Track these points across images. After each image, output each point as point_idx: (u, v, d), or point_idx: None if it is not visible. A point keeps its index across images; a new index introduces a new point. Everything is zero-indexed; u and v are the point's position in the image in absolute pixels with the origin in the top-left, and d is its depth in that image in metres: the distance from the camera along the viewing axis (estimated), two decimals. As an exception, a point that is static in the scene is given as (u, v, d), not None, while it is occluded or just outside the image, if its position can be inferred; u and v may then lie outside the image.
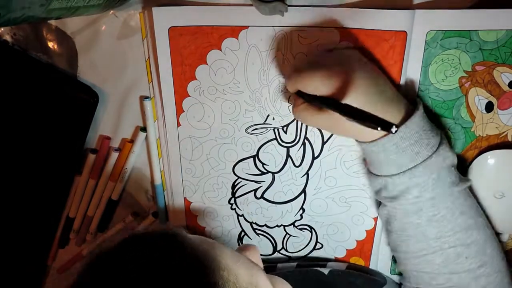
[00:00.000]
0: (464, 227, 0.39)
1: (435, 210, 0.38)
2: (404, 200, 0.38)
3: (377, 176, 0.40)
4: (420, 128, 0.36)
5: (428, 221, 0.38)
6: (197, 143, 0.47)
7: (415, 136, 0.36)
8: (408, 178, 0.37)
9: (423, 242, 0.39)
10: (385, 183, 0.39)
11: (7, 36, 0.45)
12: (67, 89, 0.46)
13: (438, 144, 0.37)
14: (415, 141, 0.36)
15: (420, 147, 0.36)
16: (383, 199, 0.41)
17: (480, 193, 0.43)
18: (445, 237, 0.39)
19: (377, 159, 0.38)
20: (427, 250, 0.39)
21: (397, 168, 0.37)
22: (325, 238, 0.49)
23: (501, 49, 0.40)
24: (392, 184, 0.38)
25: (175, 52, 0.42)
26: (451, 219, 0.38)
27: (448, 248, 0.39)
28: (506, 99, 0.42)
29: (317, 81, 0.36)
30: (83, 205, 0.51)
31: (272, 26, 0.41)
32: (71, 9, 0.35)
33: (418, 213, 0.38)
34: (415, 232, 0.39)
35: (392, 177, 0.38)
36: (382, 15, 0.39)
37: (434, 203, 0.38)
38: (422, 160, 0.36)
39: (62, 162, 0.49)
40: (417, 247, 0.40)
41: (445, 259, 0.39)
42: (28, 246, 0.53)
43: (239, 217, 0.50)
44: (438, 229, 0.39)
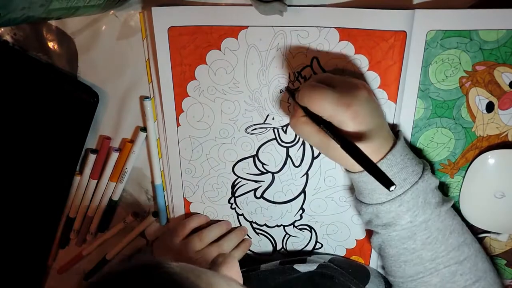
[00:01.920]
0: (456, 246, 0.40)
1: (427, 232, 0.39)
2: (398, 226, 0.39)
3: (367, 205, 0.40)
4: (404, 156, 0.38)
5: (422, 244, 0.39)
6: (197, 143, 0.47)
7: (401, 163, 0.38)
8: (398, 205, 0.38)
9: (419, 265, 0.40)
10: (376, 211, 0.40)
11: (7, 36, 0.45)
12: (67, 89, 0.46)
13: (422, 170, 0.39)
14: (401, 169, 0.38)
15: (406, 174, 0.38)
16: (376, 228, 0.41)
17: (480, 193, 0.43)
18: (439, 257, 0.39)
19: (367, 188, 0.39)
20: (423, 272, 0.40)
21: (386, 196, 0.38)
22: (325, 238, 0.49)
23: (502, 48, 0.39)
24: (383, 211, 0.39)
25: (175, 52, 0.42)
26: (443, 240, 0.39)
27: (443, 268, 0.39)
28: (506, 99, 0.41)
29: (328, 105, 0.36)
30: (83, 205, 0.51)
31: (272, 26, 0.41)
32: (71, 9, 0.35)
33: (413, 238, 0.39)
34: (411, 257, 0.40)
35: (383, 204, 0.39)
36: (382, 15, 0.39)
37: (426, 226, 0.39)
38: (410, 186, 0.38)
39: (62, 162, 0.49)
40: (413, 271, 0.40)
41: (441, 279, 0.40)
42: (28, 246, 0.53)
43: (239, 216, 0.50)
44: (433, 251, 0.39)
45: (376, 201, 0.39)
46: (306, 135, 0.39)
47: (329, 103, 0.36)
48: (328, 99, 0.36)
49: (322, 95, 0.36)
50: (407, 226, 0.39)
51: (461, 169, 0.44)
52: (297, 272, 0.44)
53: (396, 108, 0.42)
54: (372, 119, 0.37)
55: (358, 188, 0.41)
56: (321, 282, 0.43)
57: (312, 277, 0.43)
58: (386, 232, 0.40)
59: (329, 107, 0.36)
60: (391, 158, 0.37)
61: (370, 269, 0.47)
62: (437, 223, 0.39)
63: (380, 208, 0.39)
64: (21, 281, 0.54)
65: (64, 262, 0.55)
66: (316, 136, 0.38)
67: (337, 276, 0.43)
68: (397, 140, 0.39)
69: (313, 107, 0.37)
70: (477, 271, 0.40)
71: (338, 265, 0.45)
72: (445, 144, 0.43)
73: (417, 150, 0.43)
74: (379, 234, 0.41)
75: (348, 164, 0.39)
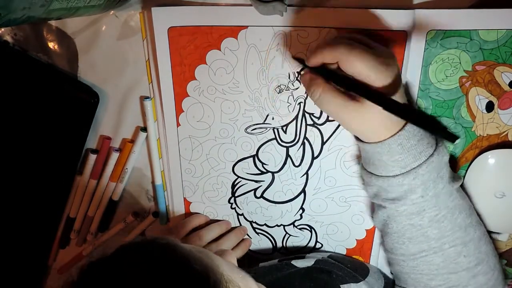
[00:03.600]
0: (463, 226, 0.39)
1: (437, 210, 0.38)
2: (408, 201, 0.38)
3: (378, 176, 0.39)
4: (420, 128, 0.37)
5: (430, 221, 0.38)
6: (197, 143, 0.47)
7: (418, 135, 0.36)
8: (413, 178, 0.37)
9: (424, 243, 0.39)
10: (387, 184, 0.38)
11: (8, 36, 0.45)
12: (68, 89, 0.46)
13: (436, 142, 0.38)
14: (418, 141, 0.36)
15: (422, 146, 0.37)
16: (383, 201, 0.40)
17: (480, 192, 0.43)
18: (445, 237, 0.39)
19: (381, 160, 0.38)
20: (427, 251, 0.39)
21: (401, 168, 0.37)
22: (325, 237, 0.49)
23: (502, 48, 0.39)
24: (396, 185, 0.38)
25: (175, 52, 0.43)
26: (452, 219, 0.38)
27: (449, 248, 0.39)
28: (506, 98, 0.42)
29: (369, 63, 0.34)
30: (83, 205, 0.51)
31: (271, 26, 0.41)
32: (72, 9, 0.35)
33: (421, 214, 0.38)
34: (416, 234, 0.39)
35: (396, 177, 0.37)
36: (382, 15, 0.39)
37: (436, 203, 0.38)
38: (426, 159, 0.37)
39: (63, 162, 0.49)
40: (417, 249, 0.40)
41: (444, 259, 0.39)
42: (28, 246, 0.53)
43: (239, 216, 0.50)
44: (439, 230, 0.38)
45: (389, 173, 0.37)
46: (332, 105, 0.36)
47: (371, 61, 0.34)
48: (369, 57, 0.34)
49: (362, 53, 0.34)
50: (417, 201, 0.37)
51: (461, 168, 0.44)
52: (295, 267, 0.44)
53: (396, 108, 0.42)
54: (401, 83, 0.37)
55: (370, 159, 0.39)
56: (319, 277, 0.42)
57: (309, 272, 0.43)
58: (394, 206, 0.39)
59: (371, 65, 0.34)
60: (409, 129, 0.36)
61: (370, 266, 0.47)
62: (447, 201, 0.38)
63: (393, 181, 0.37)
64: (21, 281, 0.54)
65: (65, 262, 0.55)
66: (347, 104, 0.35)
67: (334, 271, 0.43)
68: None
69: (353, 66, 0.34)
70: (480, 253, 0.40)
71: (336, 260, 0.45)
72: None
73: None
74: (385, 209, 0.40)
75: (366, 133, 0.37)
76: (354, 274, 0.43)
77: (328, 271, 0.43)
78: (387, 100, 0.33)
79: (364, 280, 0.43)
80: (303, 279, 0.42)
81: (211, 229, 0.48)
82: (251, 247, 0.51)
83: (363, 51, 0.34)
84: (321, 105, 0.37)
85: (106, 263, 0.26)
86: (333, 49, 0.35)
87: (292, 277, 0.43)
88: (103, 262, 0.27)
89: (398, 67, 0.36)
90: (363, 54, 0.34)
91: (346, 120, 0.37)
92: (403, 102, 0.36)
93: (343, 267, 0.44)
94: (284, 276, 0.43)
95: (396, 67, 0.36)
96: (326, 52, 0.36)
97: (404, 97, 0.37)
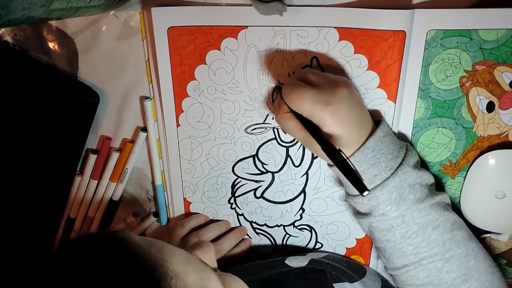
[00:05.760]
0: (440, 242, 0.39)
1: (406, 226, 0.39)
2: (372, 218, 0.39)
3: (347, 194, 0.42)
4: (377, 152, 0.38)
5: (402, 238, 0.39)
6: (197, 143, 0.47)
7: (372, 159, 0.38)
8: (368, 200, 0.39)
9: (404, 258, 0.40)
10: (352, 201, 0.41)
11: (8, 36, 0.45)
12: (68, 89, 0.46)
13: (398, 166, 0.38)
14: (372, 165, 0.38)
15: (378, 170, 0.38)
16: (356, 215, 0.42)
17: (481, 193, 0.43)
18: (422, 252, 0.39)
19: (343, 181, 0.41)
20: (408, 266, 0.40)
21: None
22: (325, 237, 0.49)
23: (502, 48, 0.39)
24: (358, 203, 0.40)
25: (174, 52, 0.43)
26: (424, 235, 0.39)
27: (428, 264, 0.39)
28: (507, 98, 0.41)
29: (306, 102, 0.36)
30: (84, 205, 0.52)
31: (271, 26, 0.41)
32: (72, 9, 0.35)
33: (391, 231, 0.39)
34: (394, 250, 0.40)
35: (356, 197, 0.40)
36: (382, 15, 0.39)
37: (403, 220, 0.39)
38: (380, 182, 0.38)
39: (63, 162, 0.49)
40: (399, 263, 0.40)
41: (427, 274, 0.39)
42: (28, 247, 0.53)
43: (239, 216, 0.50)
44: (413, 246, 0.39)
45: (351, 192, 0.41)
46: (290, 130, 0.39)
47: (308, 101, 0.36)
48: (307, 97, 0.36)
49: (301, 93, 0.36)
50: (381, 219, 0.39)
51: (462, 169, 0.44)
52: (288, 267, 0.44)
53: (396, 108, 0.42)
54: (352, 115, 0.37)
55: (341, 179, 0.42)
56: (313, 276, 0.43)
57: (303, 271, 0.43)
58: (366, 220, 0.40)
59: (308, 105, 0.36)
60: (359, 155, 0.38)
61: (368, 268, 0.47)
62: (416, 218, 0.38)
63: (355, 200, 0.40)
64: (22, 281, 0.54)
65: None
66: (300, 131, 0.38)
67: (328, 270, 0.43)
68: (370, 136, 0.38)
69: (292, 105, 0.37)
70: (468, 269, 0.39)
71: (332, 261, 0.45)
72: (446, 145, 0.43)
73: (418, 150, 0.43)
74: (360, 222, 0.42)
75: (324, 157, 0.40)
76: (349, 274, 0.43)
77: (321, 270, 0.43)
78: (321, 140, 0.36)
79: (359, 280, 0.43)
80: (296, 278, 0.43)
81: (211, 229, 0.48)
82: (251, 247, 0.51)
83: (301, 92, 0.36)
84: (285, 130, 0.41)
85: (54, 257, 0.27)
86: (282, 90, 0.38)
87: (284, 275, 0.43)
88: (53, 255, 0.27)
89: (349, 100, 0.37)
90: (302, 93, 0.36)
91: (306, 145, 0.40)
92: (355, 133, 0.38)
93: (338, 266, 0.44)
94: (276, 273, 0.43)
95: (342, 102, 0.36)
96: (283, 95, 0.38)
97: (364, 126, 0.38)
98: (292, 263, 0.44)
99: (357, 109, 0.38)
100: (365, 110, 0.40)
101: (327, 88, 0.37)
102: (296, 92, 0.37)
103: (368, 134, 0.38)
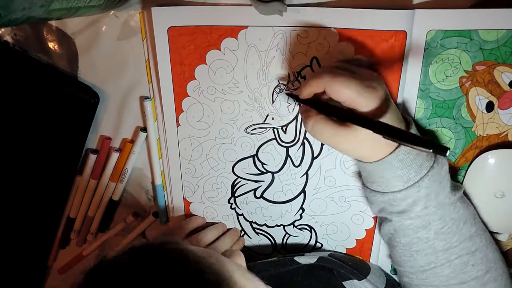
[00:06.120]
0: (468, 236, 0.39)
1: (442, 222, 0.38)
2: (412, 214, 0.38)
3: (382, 193, 0.39)
4: None
5: (436, 234, 0.39)
6: (197, 143, 0.47)
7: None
8: (417, 191, 0.37)
9: (432, 255, 0.39)
10: (391, 199, 0.38)
11: (8, 36, 0.45)
12: (68, 89, 0.46)
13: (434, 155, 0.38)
14: (417, 154, 0.37)
15: (421, 159, 0.37)
16: (389, 215, 0.40)
17: (480, 192, 0.43)
18: (452, 248, 0.39)
19: (383, 177, 0.38)
20: (435, 263, 0.39)
21: (404, 183, 0.37)
22: (324, 237, 0.49)
23: (502, 48, 0.39)
24: (400, 199, 0.38)
25: (174, 52, 0.43)
26: (457, 230, 0.39)
27: (455, 259, 0.39)
28: (506, 98, 0.41)
29: (353, 89, 0.35)
30: (84, 205, 0.52)
31: (271, 26, 0.41)
32: (72, 9, 0.35)
33: (427, 227, 0.38)
34: (423, 246, 0.39)
35: (400, 192, 0.38)
36: (382, 15, 0.39)
37: (441, 215, 0.38)
38: (427, 171, 0.37)
39: (63, 162, 0.49)
40: (425, 261, 0.40)
41: (453, 270, 0.39)
42: (29, 246, 0.53)
43: (239, 216, 0.50)
44: (446, 241, 0.39)
45: (392, 189, 0.38)
46: (328, 135, 0.37)
47: (355, 87, 0.35)
48: (353, 82, 0.35)
49: (346, 79, 0.35)
50: (422, 214, 0.38)
51: (461, 169, 0.44)
52: (297, 264, 0.44)
53: (396, 108, 0.42)
54: (390, 102, 0.37)
55: (372, 177, 0.39)
56: (321, 273, 0.43)
57: (311, 269, 0.43)
58: (400, 219, 0.39)
59: (355, 90, 0.34)
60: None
61: (371, 264, 0.47)
62: (452, 213, 0.38)
63: (397, 196, 0.38)
64: (22, 281, 0.54)
65: (65, 262, 0.55)
66: (341, 133, 0.36)
67: (336, 269, 0.43)
68: (411, 124, 0.38)
69: (338, 93, 0.35)
70: (488, 261, 0.40)
71: (337, 259, 0.45)
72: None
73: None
74: (391, 222, 0.40)
75: (363, 154, 0.38)
76: (355, 272, 0.43)
77: (329, 269, 0.43)
78: (374, 123, 0.34)
79: (366, 278, 0.43)
80: (305, 275, 0.42)
81: (209, 232, 0.49)
82: (251, 247, 0.51)
83: (346, 78, 0.35)
84: (315, 135, 0.38)
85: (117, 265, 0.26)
86: (318, 79, 0.36)
87: (294, 272, 0.43)
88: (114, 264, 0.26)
89: (385, 89, 0.37)
90: (346, 80, 0.35)
91: (340, 146, 0.38)
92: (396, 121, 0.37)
93: (345, 265, 0.44)
94: (286, 271, 0.43)
95: (382, 89, 0.36)
96: (313, 83, 0.37)
97: (396, 116, 0.37)
98: (301, 259, 0.44)
99: (390, 97, 0.38)
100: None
101: (366, 75, 0.36)
102: (341, 78, 0.35)
103: (405, 125, 0.38)
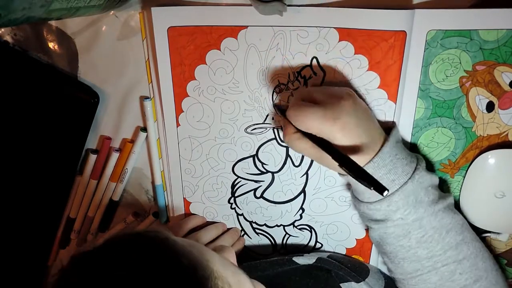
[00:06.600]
0: (454, 244, 0.39)
1: (422, 231, 0.39)
2: (389, 222, 0.39)
3: (360, 202, 0.41)
4: (394, 157, 0.38)
5: (417, 242, 0.39)
6: (197, 143, 0.47)
7: (389, 165, 0.38)
8: (387, 205, 0.38)
9: (417, 263, 0.40)
10: (368, 208, 0.40)
11: (8, 36, 0.45)
12: (68, 89, 0.46)
13: (413, 170, 0.38)
14: (389, 170, 0.38)
15: (395, 175, 0.38)
16: (369, 223, 0.42)
17: (480, 192, 0.43)
18: (436, 256, 0.39)
19: (357, 188, 0.40)
20: (421, 270, 0.40)
21: (376, 196, 0.39)
22: (324, 237, 0.49)
23: (502, 48, 0.39)
24: (373, 209, 0.40)
25: (174, 52, 0.43)
26: (439, 239, 0.39)
27: (441, 267, 0.39)
28: (506, 98, 0.41)
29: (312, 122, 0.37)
30: (84, 205, 0.52)
31: (271, 26, 0.41)
32: (72, 9, 0.35)
33: (407, 236, 0.39)
34: (407, 254, 0.40)
35: (373, 203, 0.39)
36: (382, 15, 0.39)
37: (420, 225, 0.39)
38: (399, 187, 0.38)
39: (63, 162, 0.49)
40: (411, 268, 0.40)
41: (440, 277, 0.40)
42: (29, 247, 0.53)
43: (239, 216, 0.50)
44: (428, 250, 0.39)
45: (368, 200, 0.40)
46: (300, 150, 0.40)
47: (315, 120, 0.36)
48: (313, 116, 0.36)
49: (307, 113, 0.37)
50: (398, 223, 0.39)
51: (462, 169, 0.44)
52: (296, 264, 0.44)
53: (396, 108, 0.42)
54: (360, 125, 0.37)
55: (353, 187, 0.42)
56: (319, 274, 0.43)
57: (310, 270, 0.43)
58: (380, 227, 0.40)
59: (316, 124, 0.36)
60: (377, 160, 0.37)
61: (370, 266, 0.47)
62: (433, 222, 0.39)
63: (370, 207, 0.40)
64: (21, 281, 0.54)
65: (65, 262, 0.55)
66: (311, 149, 0.38)
67: (334, 270, 0.43)
68: (386, 141, 0.38)
69: (300, 126, 0.38)
70: (478, 270, 0.40)
71: (336, 260, 0.45)
72: (446, 144, 0.43)
73: (418, 150, 0.43)
74: (374, 229, 0.41)
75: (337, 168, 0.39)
76: (354, 274, 0.43)
77: (328, 270, 0.43)
78: (332, 150, 0.36)
79: (364, 281, 0.43)
80: (303, 276, 0.43)
81: (208, 230, 0.49)
82: (251, 247, 0.51)
83: (307, 112, 0.37)
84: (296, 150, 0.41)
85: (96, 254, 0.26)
86: (287, 113, 0.38)
87: (292, 273, 0.43)
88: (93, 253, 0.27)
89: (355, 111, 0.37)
90: (308, 113, 0.37)
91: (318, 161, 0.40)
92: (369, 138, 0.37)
93: (343, 267, 0.44)
94: (284, 271, 0.43)
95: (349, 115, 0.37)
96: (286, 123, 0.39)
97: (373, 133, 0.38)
98: (300, 260, 0.44)
99: (364, 119, 0.38)
100: (373, 118, 0.40)
101: (332, 103, 0.37)
102: (302, 113, 0.37)
103: (382, 141, 0.38)
